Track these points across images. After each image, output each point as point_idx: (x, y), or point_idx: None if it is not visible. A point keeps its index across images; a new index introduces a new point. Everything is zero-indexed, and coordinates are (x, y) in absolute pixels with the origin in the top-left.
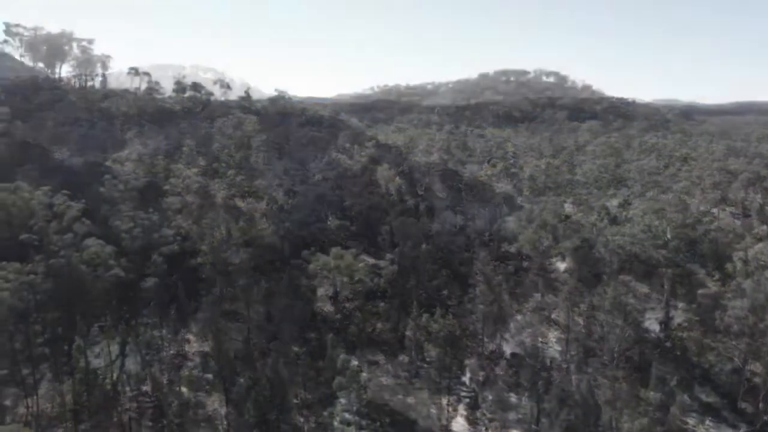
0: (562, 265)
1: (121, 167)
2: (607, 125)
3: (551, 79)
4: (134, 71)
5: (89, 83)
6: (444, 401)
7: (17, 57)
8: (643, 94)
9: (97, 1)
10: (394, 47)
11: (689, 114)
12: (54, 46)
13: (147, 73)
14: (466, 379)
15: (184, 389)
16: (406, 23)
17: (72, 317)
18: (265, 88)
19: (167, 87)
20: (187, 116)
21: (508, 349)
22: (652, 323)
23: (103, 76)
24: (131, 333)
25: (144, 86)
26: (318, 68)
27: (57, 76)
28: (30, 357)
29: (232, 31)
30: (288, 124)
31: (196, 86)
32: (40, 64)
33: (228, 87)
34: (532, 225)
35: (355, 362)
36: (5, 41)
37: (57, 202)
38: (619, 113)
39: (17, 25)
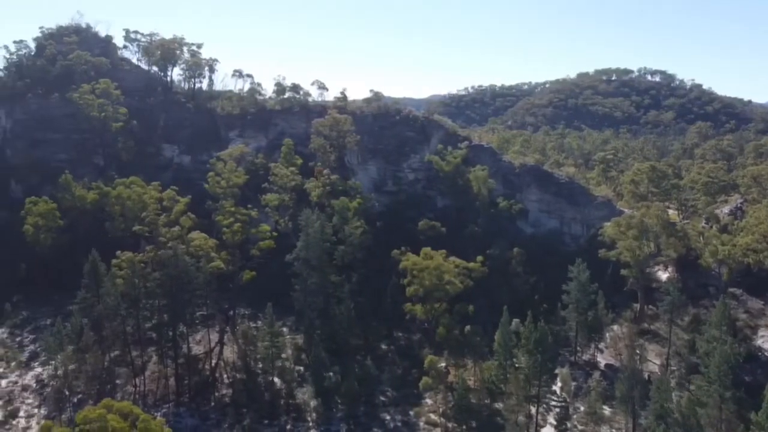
0: (664, 275)
1: (223, 165)
2: (718, 127)
3: (657, 78)
4: (238, 73)
5: (197, 85)
6: (533, 409)
7: (134, 61)
8: (761, 94)
9: (209, 8)
10: (488, 47)
11: None
12: (167, 51)
13: (250, 75)
14: (557, 388)
15: (276, 379)
16: (501, 22)
17: (177, 305)
18: (360, 88)
19: (269, 88)
20: (285, 116)
21: (602, 360)
22: (765, 341)
23: (210, 78)
24: (229, 323)
25: (247, 87)
26: (412, 69)
27: (168, 78)
28: (139, 340)
29: (328, 32)
30: (382, 124)
31: (295, 87)
32: (155, 68)
33: (324, 87)
34: (632, 231)
35: (442, 363)
36: (125, 46)
37: (166, 196)
38: (732, 114)
39: (135, 32)
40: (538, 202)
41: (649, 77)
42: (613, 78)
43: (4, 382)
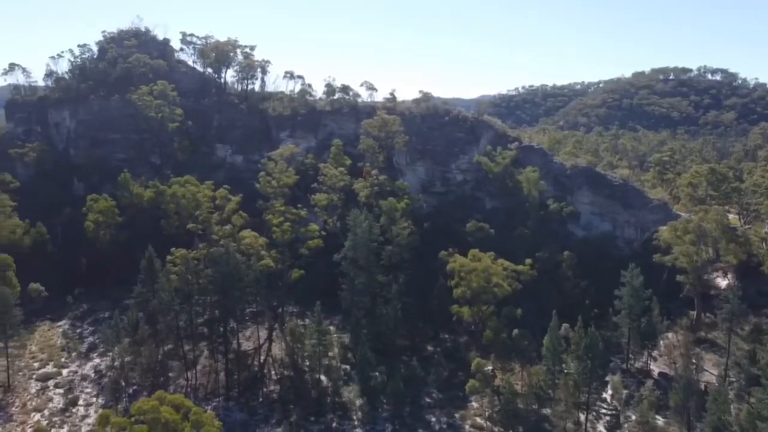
0: (723, 282)
1: (274, 165)
2: None
3: (717, 77)
4: (289, 75)
5: (250, 86)
6: (582, 416)
7: (190, 63)
8: None
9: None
10: (540, 46)
11: None
12: (221, 53)
13: (301, 76)
14: (607, 395)
15: (323, 377)
16: (553, 21)
17: (228, 301)
18: (409, 88)
19: (319, 89)
20: (335, 116)
21: (656, 369)
22: None
23: (262, 79)
24: (277, 320)
25: (298, 88)
26: (462, 69)
27: (222, 80)
28: (191, 335)
29: (379, 33)
30: (431, 124)
31: (344, 88)
32: (209, 70)
33: (374, 88)
34: (690, 236)
35: (489, 367)
36: (181, 49)
37: (219, 195)
38: None
39: (191, 35)
40: (590, 204)
41: (709, 76)
42: (671, 77)
43: (65, 372)
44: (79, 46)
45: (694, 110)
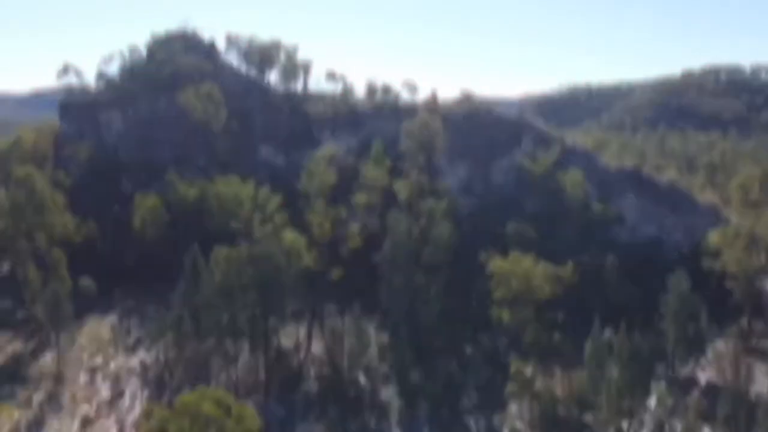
0: None
1: (316, 165)
2: None
3: None
4: (331, 75)
5: (292, 87)
6: (624, 424)
7: (235, 64)
8: None
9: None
10: (585, 44)
11: None
12: (265, 55)
13: (342, 77)
14: (651, 403)
15: (361, 377)
16: (599, 18)
17: (268, 299)
18: (451, 86)
19: (360, 89)
20: (376, 117)
21: (703, 377)
22: None
23: (305, 80)
24: (317, 319)
25: (340, 89)
26: (506, 67)
27: (266, 81)
28: (233, 332)
29: (421, 31)
30: (472, 125)
31: (386, 88)
32: (254, 71)
33: (415, 88)
34: (741, 241)
35: (529, 371)
36: (226, 50)
37: (261, 195)
38: None
39: (236, 36)
40: (635, 207)
41: (763, 74)
42: (722, 76)
43: (112, 364)
44: (129, 48)
45: (746, 110)
